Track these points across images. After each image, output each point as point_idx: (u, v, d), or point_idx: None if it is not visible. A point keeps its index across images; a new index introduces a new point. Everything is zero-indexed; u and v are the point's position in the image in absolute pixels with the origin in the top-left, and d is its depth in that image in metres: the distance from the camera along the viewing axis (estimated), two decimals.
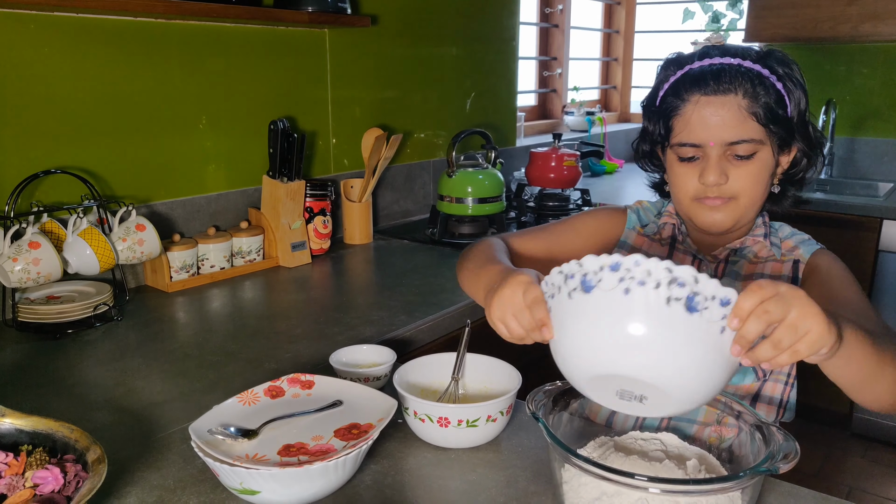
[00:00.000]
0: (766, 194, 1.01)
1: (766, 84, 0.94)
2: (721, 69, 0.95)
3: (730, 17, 3.47)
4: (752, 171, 0.97)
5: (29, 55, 1.41)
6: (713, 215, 0.99)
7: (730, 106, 0.94)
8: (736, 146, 0.95)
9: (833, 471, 2.61)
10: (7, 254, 1.28)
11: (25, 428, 0.78)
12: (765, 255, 1.05)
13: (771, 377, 1.04)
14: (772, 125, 0.94)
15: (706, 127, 0.95)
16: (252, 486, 0.75)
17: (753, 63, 0.95)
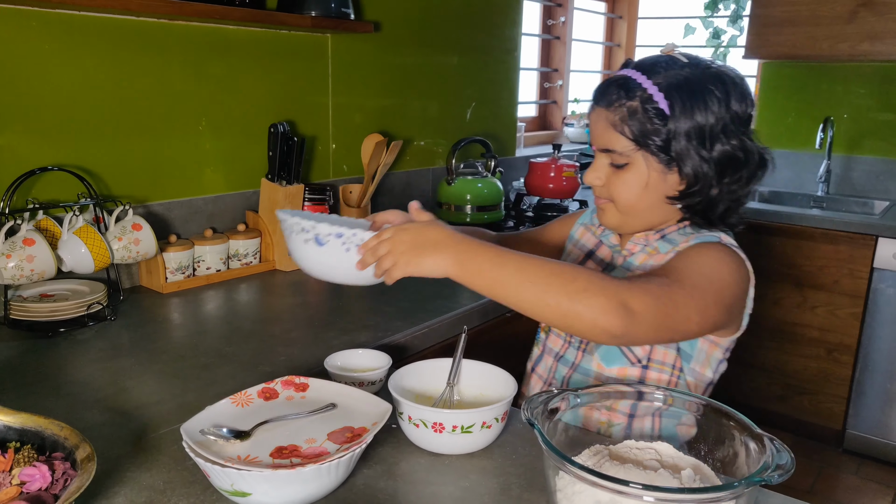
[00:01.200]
0: (653, 206, 1.03)
1: (646, 101, 0.98)
2: (609, 83, 1.03)
3: (730, 34, 3.49)
4: (626, 180, 1.03)
5: (30, 52, 1.41)
6: (599, 214, 1.10)
7: (604, 118, 1.02)
8: (610, 154, 1.03)
9: (825, 488, 2.60)
10: (1, 250, 1.28)
11: (14, 425, 0.77)
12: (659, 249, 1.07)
13: (653, 367, 1.06)
14: (641, 142, 0.99)
15: (593, 133, 1.06)
16: (243, 487, 0.75)
17: (648, 80, 0.98)
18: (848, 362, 2.74)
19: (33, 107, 1.43)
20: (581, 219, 1.25)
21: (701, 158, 0.98)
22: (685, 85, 0.97)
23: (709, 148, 0.98)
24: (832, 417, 2.82)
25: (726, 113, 0.98)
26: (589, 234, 1.21)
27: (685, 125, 0.97)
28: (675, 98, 0.97)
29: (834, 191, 3.20)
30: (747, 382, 2.99)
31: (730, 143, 0.98)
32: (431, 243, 0.85)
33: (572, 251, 1.22)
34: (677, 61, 1.00)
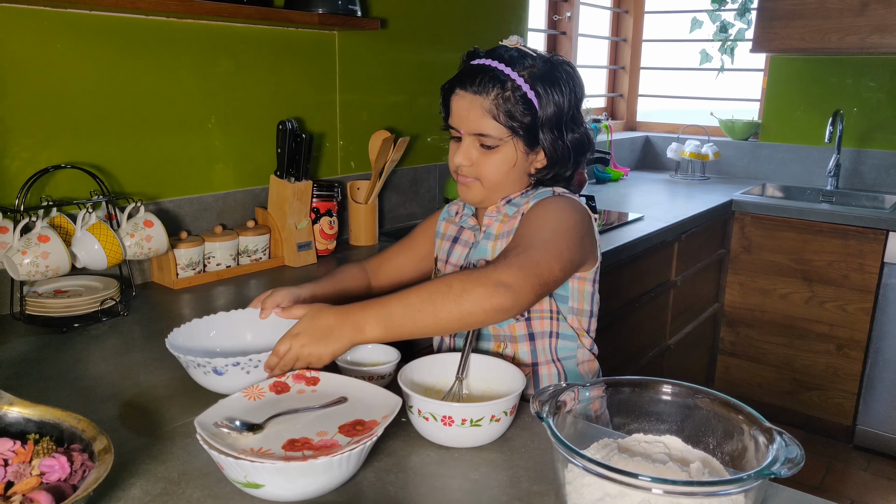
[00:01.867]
0: (514, 181, 1.15)
1: (515, 92, 1.07)
2: (479, 71, 1.09)
3: (738, 27, 3.47)
4: (495, 161, 1.12)
5: (42, 51, 1.42)
6: (463, 190, 1.18)
7: (476, 104, 1.09)
8: (481, 137, 1.11)
9: (835, 483, 2.60)
10: (16, 247, 1.29)
11: (33, 417, 0.79)
12: (508, 214, 1.17)
13: (534, 317, 1.16)
14: (512, 126, 1.08)
15: (460, 117, 1.12)
16: (256, 479, 0.76)
17: (513, 71, 1.07)
18: (858, 357, 2.74)
19: (46, 105, 1.44)
20: (441, 216, 1.31)
21: (562, 142, 1.11)
22: (545, 77, 1.09)
23: (566, 133, 1.12)
24: (842, 413, 2.82)
25: (574, 100, 1.12)
26: (451, 225, 1.28)
27: (548, 113, 1.09)
28: (538, 89, 1.08)
29: (843, 185, 3.19)
30: (756, 378, 2.99)
31: (580, 130, 1.14)
32: (327, 330, 0.95)
33: (441, 245, 1.28)
34: (527, 54, 1.11)
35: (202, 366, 0.99)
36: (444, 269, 1.25)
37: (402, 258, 1.35)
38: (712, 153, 3.38)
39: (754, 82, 3.56)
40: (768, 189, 3.29)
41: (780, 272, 2.85)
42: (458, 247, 1.24)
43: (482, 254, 1.17)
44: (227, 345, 1.13)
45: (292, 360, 0.96)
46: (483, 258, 1.16)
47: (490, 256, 1.15)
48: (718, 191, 3.08)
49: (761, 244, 2.87)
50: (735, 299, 2.98)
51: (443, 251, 1.27)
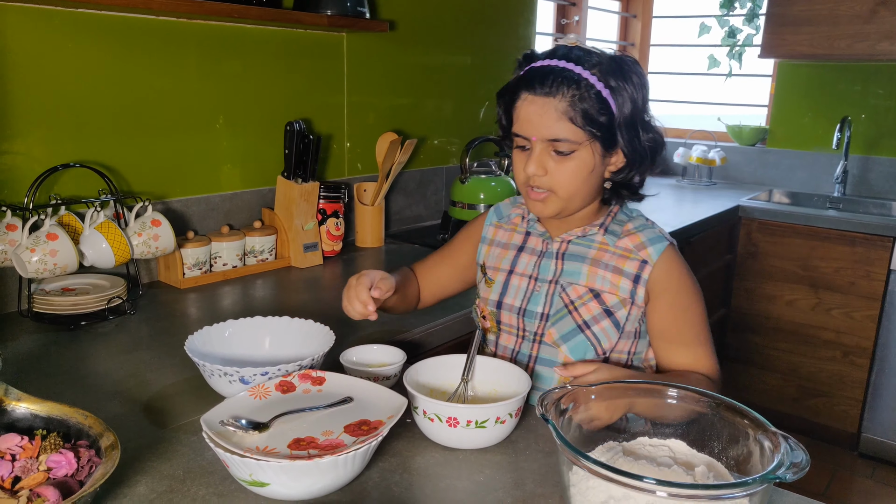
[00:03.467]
0: (591, 190, 1.08)
1: (590, 90, 1.00)
2: (548, 72, 1.01)
3: (746, 33, 3.47)
4: (570, 168, 1.04)
5: (52, 50, 1.43)
6: (537, 205, 1.09)
7: (549, 107, 1.01)
8: (555, 143, 1.02)
9: (840, 491, 2.58)
10: (25, 244, 1.30)
11: (40, 413, 0.79)
12: (607, 244, 1.11)
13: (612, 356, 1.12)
14: (590, 129, 1.01)
15: (530, 123, 1.03)
16: (261, 478, 0.76)
17: (584, 69, 1.00)
18: (864, 365, 2.72)
19: (56, 104, 1.45)
20: (488, 220, 1.23)
21: (639, 141, 1.05)
22: (616, 73, 1.02)
23: (643, 131, 1.05)
24: (847, 420, 2.81)
25: (645, 95, 1.05)
26: (503, 231, 1.20)
27: (625, 110, 1.02)
28: (612, 86, 1.01)
29: (851, 192, 3.17)
30: (762, 384, 2.97)
31: (653, 127, 1.07)
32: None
33: (492, 251, 1.20)
34: (591, 52, 1.04)
35: (229, 374, 0.98)
36: (504, 279, 1.16)
37: (445, 271, 1.27)
38: (719, 158, 3.38)
39: (762, 88, 3.56)
40: (775, 195, 3.28)
41: (787, 278, 2.84)
42: (525, 255, 1.16)
43: (575, 277, 1.10)
44: (244, 351, 1.12)
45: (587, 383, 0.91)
46: (577, 282, 1.09)
47: (587, 282, 1.09)
48: (725, 196, 3.08)
49: (768, 250, 2.86)
50: (741, 305, 2.97)
51: (496, 258, 1.18)
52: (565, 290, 1.10)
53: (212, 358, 1.05)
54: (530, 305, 1.12)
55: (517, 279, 1.15)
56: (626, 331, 1.09)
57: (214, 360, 1.04)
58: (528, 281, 1.13)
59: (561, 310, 1.09)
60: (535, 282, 1.13)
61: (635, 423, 0.92)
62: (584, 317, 1.08)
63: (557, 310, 1.10)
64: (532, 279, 1.13)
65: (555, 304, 1.10)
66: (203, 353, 1.05)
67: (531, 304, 1.12)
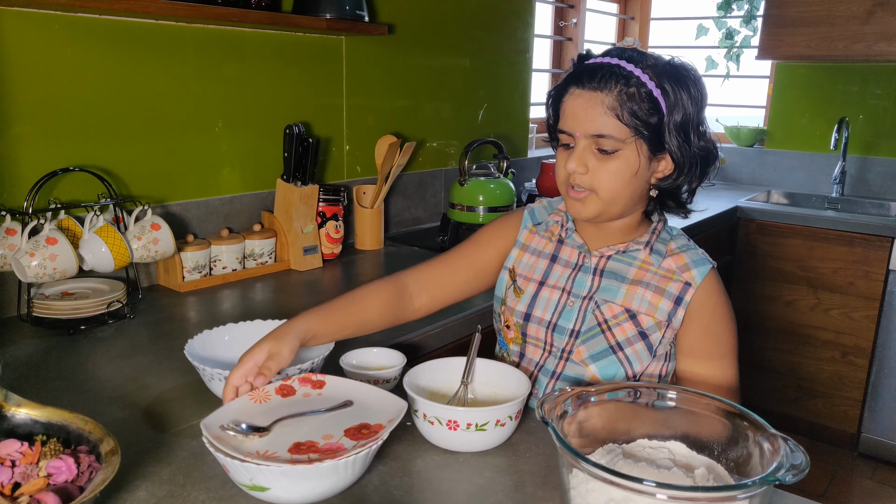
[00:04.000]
0: (635, 193, 1.03)
1: (640, 88, 0.97)
2: (598, 67, 0.99)
3: (743, 34, 3.47)
4: (612, 168, 1.00)
5: (52, 55, 1.43)
6: (576, 205, 1.04)
7: (595, 101, 0.98)
8: (599, 140, 0.99)
9: (840, 491, 2.58)
10: (24, 249, 1.30)
11: (40, 419, 0.79)
12: (650, 263, 1.08)
13: (643, 379, 1.10)
14: (636, 126, 0.97)
15: (575, 118, 1.00)
16: (262, 482, 0.76)
17: (636, 67, 0.98)
18: (863, 365, 2.72)
19: (56, 108, 1.45)
20: (523, 223, 1.18)
21: (689, 148, 1.01)
22: (671, 75, 0.99)
23: (695, 139, 1.01)
24: (847, 421, 2.81)
25: (701, 104, 1.02)
26: (540, 238, 1.15)
27: (676, 115, 0.99)
28: (665, 87, 0.98)
29: (849, 192, 3.18)
30: (761, 385, 2.98)
31: (707, 138, 1.03)
32: None
33: (524, 258, 1.15)
34: (648, 54, 1.01)
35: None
36: (535, 290, 1.12)
37: (465, 273, 1.18)
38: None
39: (760, 89, 3.56)
40: (774, 196, 3.29)
41: (786, 279, 2.84)
42: (559, 267, 1.11)
43: (611, 294, 1.06)
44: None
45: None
46: (612, 301, 1.06)
47: (623, 302, 1.05)
48: (724, 197, 3.08)
49: (766, 251, 2.87)
50: (740, 306, 2.97)
51: (529, 267, 1.14)
52: (599, 307, 1.07)
53: (212, 362, 1.05)
54: (561, 321, 1.09)
55: (548, 291, 1.11)
56: (657, 354, 1.06)
57: (214, 364, 1.04)
58: (560, 294, 1.10)
59: (593, 328, 1.07)
60: (567, 296, 1.09)
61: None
62: (617, 337, 1.06)
63: (590, 327, 1.07)
64: (565, 293, 1.09)
65: (587, 322, 1.07)
66: (203, 357, 1.05)
67: (562, 319, 1.09)
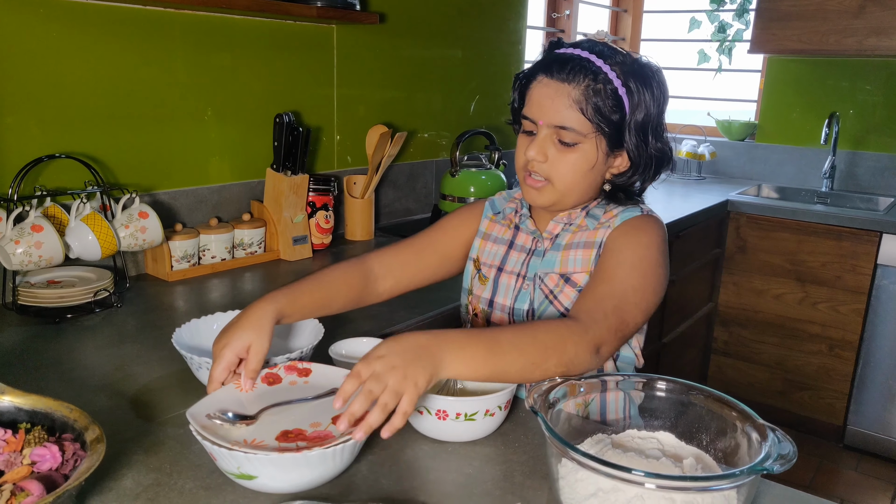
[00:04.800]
0: (589, 187, 1.06)
1: (606, 85, 0.99)
2: (568, 59, 1.00)
3: (736, 28, 3.48)
4: (571, 160, 1.02)
5: (38, 40, 1.41)
6: (531, 192, 1.06)
7: (562, 93, 0.99)
8: (561, 131, 1.01)
9: (825, 483, 2.61)
10: (9, 236, 1.29)
11: (24, 406, 0.78)
12: (584, 226, 1.09)
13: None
14: (598, 122, 0.99)
15: (540, 106, 1.02)
16: (249, 470, 0.75)
17: (605, 63, 0.99)
18: (850, 358, 2.75)
19: (41, 94, 1.43)
20: (484, 213, 1.20)
21: (646, 148, 1.03)
22: (637, 75, 1.01)
23: (652, 140, 1.03)
24: (833, 413, 2.83)
25: (662, 105, 1.04)
26: (499, 226, 1.18)
27: (638, 115, 1.01)
28: (630, 86, 1.00)
29: (838, 187, 3.20)
30: (748, 377, 3.00)
31: (664, 140, 1.05)
32: (420, 350, 0.80)
33: (486, 246, 1.18)
34: (617, 50, 1.02)
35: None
36: (494, 276, 1.15)
37: (430, 259, 1.19)
38: (709, 153, 3.39)
39: (751, 83, 3.57)
40: (764, 190, 3.30)
41: (775, 272, 2.85)
42: (515, 253, 1.14)
43: (550, 266, 1.09)
44: None
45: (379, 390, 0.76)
46: (552, 271, 1.08)
47: (560, 268, 1.08)
48: (714, 191, 3.09)
49: (756, 244, 2.88)
50: (729, 299, 2.99)
51: (491, 255, 1.17)
52: (543, 280, 1.09)
53: (199, 351, 1.04)
54: (517, 304, 1.12)
55: (507, 277, 1.14)
56: None
57: (202, 353, 1.03)
58: (516, 279, 1.13)
59: (543, 302, 1.09)
60: (523, 280, 1.12)
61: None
62: (564, 304, 1.08)
63: (541, 303, 1.09)
64: (521, 277, 1.12)
65: (538, 298, 1.10)
66: (191, 346, 1.04)
67: (518, 302, 1.12)
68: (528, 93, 1.04)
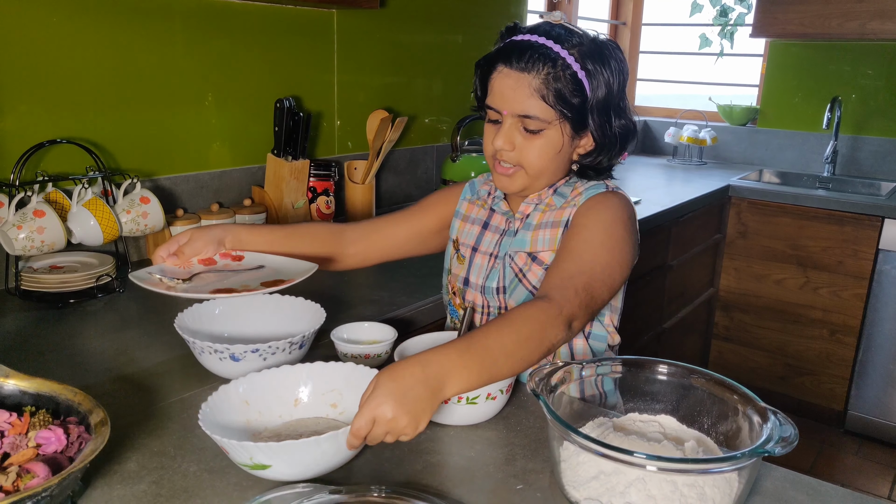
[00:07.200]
0: (558, 168, 1.08)
1: (566, 70, 1.00)
2: (526, 47, 1.00)
3: (738, 12, 3.45)
4: (538, 146, 1.03)
5: (38, 25, 1.40)
6: (503, 180, 1.08)
7: (523, 83, 1.00)
8: (525, 120, 1.02)
9: (826, 467, 2.62)
10: (11, 221, 1.29)
11: (29, 390, 0.79)
12: (553, 205, 1.11)
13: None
14: (561, 109, 1.00)
15: (503, 97, 1.03)
16: (262, 460, 0.74)
17: (562, 48, 1.00)
18: (851, 343, 2.75)
19: (42, 80, 1.43)
20: (463, 195, 1.23)
21: (610, 127, 1.05)
22: (594, 56, 1.01)
23: (615, 119, 1.05)
24: (834, 398, 2.84)
25: (622, 82, 1.04)
26: (476, 207, 1.21)
27: (598, 95, 1.02)
28: (588, 69, 1.01)
29: (840, 171, 3.19)
30: (750, 362, 3.00)
31: (626, 115, 1.06)
32: (420, 393, 0.78)
33: (464, 227, 1.21)
34: (574, 31, 1.03)
35: (219, 352, 0.97)
36: (469, 256, 1.18)
37: (404, 231, 1.24)
38: (710, 138, 3.38)
39: (753, 68, 3.55)
40: (765, 175, 3.29)
41: (776, 258, 2.85)
42: (489, 233, 1.17)
43: (521, 245, 1.11)
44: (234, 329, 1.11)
45: (381, 436, 0.77)
46: (521, 250, 1.10)
47: (529, 248, 1.10)
48: (715, 176, 3.08)
49: (757, 229, 2.88)
50: (730, 284, 2.99)
51: (468, 235, 1.19)
52: (514, 259, 1.11)
53: (202, 335, 1.05)
54: (488, 282, 1.14)
55: (480, 257, 1.17)
56: None
57: (204, 338, 1.03)
58: (489, 259, 1.15)
59: (513, 280, 1.11)
60: (494, 259, 1.14)
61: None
62: (532, 282, 1.09)
63: (510, 280, 1.11)
64: (493, 257, 1.15)
65: (507, 276, 1.12)
66: (193, 331, 1.05)
67: (489, 280, 1.14)
68: (490, 82, 1.05)
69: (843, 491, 0.83)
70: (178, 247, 1.09)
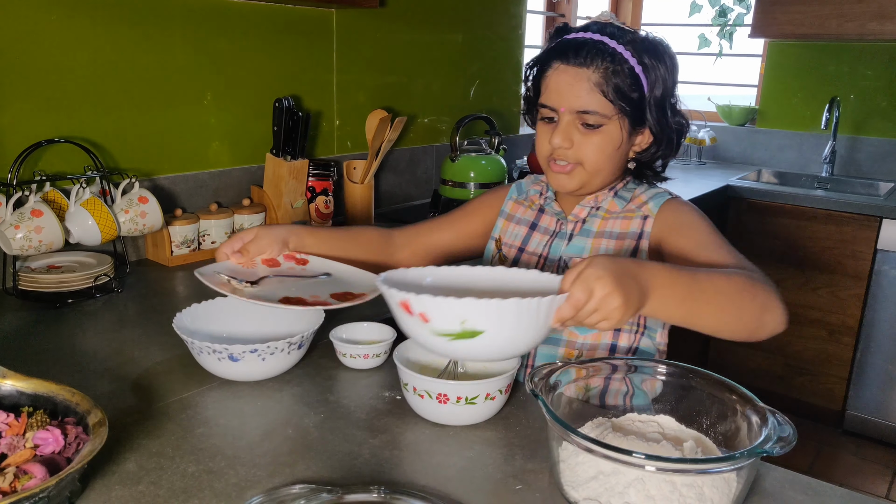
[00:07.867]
0: (616, 166, 1.07)
1: (623, 65, 1.00)
2: (583, 43, 1.01)
3: (737, 12, 3.45)
4: (597, 142, 1.03)
5: (37, 24, 1.40)
6: (560, 178, 1.07)
7: (581, 78, 1.00)
8: (584, 115, 1.02)
9: (824, 468, 2.62)
10: (9, 221, 1.28)
11: (26, 390, 0.79)
12: (615, 209, 1.11)
13: (624, 329, 1.10)
14: (620, 103, 1.00)
15: (559, 93, 1.02)
16: (476, 325, 0.71)
17: (618, 44, 1.00)
18: (849, 343, 2.75)
19: (40, 79, 1.43)
20: (509, 195, 1.23)
21: (667, 122, 1.05)
22: (649, 51, 1.02)
23: (671, 114, 1.05)
24: (832, 398, 2.84)
25: (675, 78, 1.05)
26: (522, 208, 1.20)
27: (656, 91, 1.02)
28: (645, 63, 1.01)
29: (839, 172, 3.19)
30: (748, 362, 3.00)
31: (680, 112, 1.07)
32: (634, 278, 0.77)
33: (508, 227, 1.20)
34: (626, 29, 1.03)
35: (217, 352, 0.97)
36: (514, 256, 1.16)
37: (450, 233, 1.24)
38: (709, 138, 3.38)
39: (752, 68, 3.55)
40: (764, 175, 3.29)
41: (774, 258, 2.85)
42: (538, 234, 1.15)
43: (578, 251, 1.09)
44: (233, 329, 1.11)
45: (590, 313, 0.76)
46: (579, 256, 1.08)
47: (589, 255, 1.07)
48: (714, 176, 3.08)
49: (756, 230, 2.88)
50: None
51: (513, 235, 1.18)
52: (568, 264, 1.09)
53: (200, 335, 1.04)
54: None
55: (527, 258, 1.15)
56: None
57: (203, 338, 1.03)
58: (536, 259, 1.13)
59: None
60: (544, 261, 1.12)
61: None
62: None
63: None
64: (542, 259, 1.13)
65: None
66: (191, 331, 1.04)
67: None
68: (545, 82, 1.04)
69: (842, 491, 0.83)
70: (242, 244, 1.07)
